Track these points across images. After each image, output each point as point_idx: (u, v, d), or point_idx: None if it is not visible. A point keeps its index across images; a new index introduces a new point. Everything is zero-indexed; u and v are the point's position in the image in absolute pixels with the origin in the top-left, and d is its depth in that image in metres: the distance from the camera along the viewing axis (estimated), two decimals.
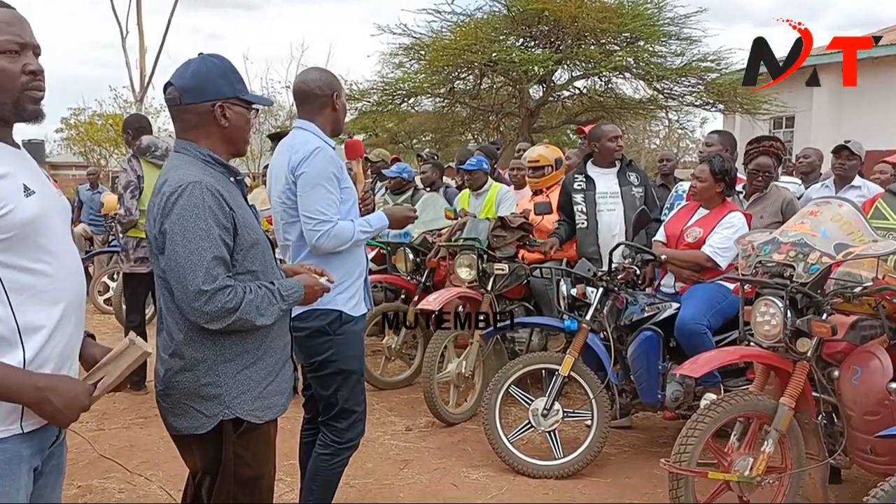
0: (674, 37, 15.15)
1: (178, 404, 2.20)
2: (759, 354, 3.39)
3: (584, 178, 5.15)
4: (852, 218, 3.31)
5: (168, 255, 2.11)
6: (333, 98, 3.10)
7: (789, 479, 3.34)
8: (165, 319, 2.24)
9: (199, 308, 2.08)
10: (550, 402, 4.15)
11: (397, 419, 5.12)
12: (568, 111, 17.00)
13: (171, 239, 2.09)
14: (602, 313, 4.24)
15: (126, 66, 17.70)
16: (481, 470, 4.22)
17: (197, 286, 2.06)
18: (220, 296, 2.08)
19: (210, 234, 2.09)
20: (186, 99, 2.22)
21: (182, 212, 2.08)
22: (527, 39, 15.81)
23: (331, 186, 2.97)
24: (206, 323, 2.11)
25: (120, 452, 4.37)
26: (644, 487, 3.99)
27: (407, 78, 15.96)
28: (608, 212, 5.05)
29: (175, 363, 2.19)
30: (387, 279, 6.07)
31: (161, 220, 2.12)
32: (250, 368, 2.24)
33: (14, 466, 1.67)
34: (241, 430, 2.22)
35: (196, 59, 2.28)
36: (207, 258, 2.08)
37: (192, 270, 2.06)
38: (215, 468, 2.23)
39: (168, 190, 2.12)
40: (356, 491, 3.91)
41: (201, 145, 2.25)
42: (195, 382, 2.18)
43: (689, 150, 30.44)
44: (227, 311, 2.09)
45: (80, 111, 28.45)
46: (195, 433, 2.20)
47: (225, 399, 2.19)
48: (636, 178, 5.16)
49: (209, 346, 2.17)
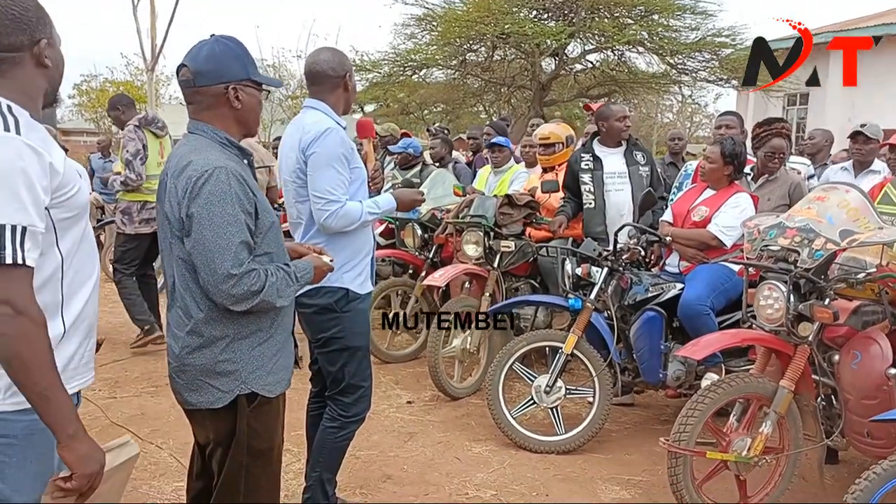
0: (689, 11, 15.02)
1: (195, 380, 2.25)
2: (761, 338, 3.43)
3: (591, 157, 5.14)
4: (859, 204, 3.32)
5: (196, 238, 2.13)
6: (345, 78, 3.13)
7: (786, 459, 3.40)
8: (182, 298, 2.26)
9: (226, 291, 2.13)
10: (553, 378, 4.21)
11: (402, 392, 5.19)
12: (580, 85, 16.91)
13: (198, 223, 2.12)
14: (606, 293, 4.28)
15: (137, 34, 17.58)
16: (484, 444, 4.29)
17: (226, 270, 2.11)
18: (247, 279, 2.13)
19: (237, 220, 2.14)
20: (200, 81, 2.25)
21: (210, 196, 2.12)
22: (540, 12, 15.69)
23: (340, 167, 3.00)
24: (232, 305, 2.16)
25: (132, 420, 4.46)
26: (644, 464, 4.06)
27: (419, 49, 15.91)
28: (616, 192, 5.05)
29: (193, 340, 2.23)
30: (395, 254, 6.11)
31: (188, 204, 2.13)
32: (263, 345, 2.30)
33: (49, 436, 1.74)
34: (255, 403, 2.29)
35: (209, 40, 2.30)
36: (235, 242, 2.12)
37: (220, 254, 2.11)
38: (228, 440, 2.29)
39: (194, 174, 2.14)
40: (361, 462, 4.00)
41: (217, 127, 2.28)
42: (212, 359, 2.23)
43: (701, 124, 30.24)
44: (252, 294, 2.15)
45: (92, 78, 28.47)
46: (211, 407, 2.26)
47: (241, 374, 2.25)
48: (642, 158, 5.15)
49: (227, 324, 2.23)
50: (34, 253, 1.64)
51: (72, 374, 1.83)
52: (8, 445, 1.70)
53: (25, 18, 1.75)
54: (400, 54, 16.06)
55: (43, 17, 1.80)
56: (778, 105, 17.56)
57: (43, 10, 1.80)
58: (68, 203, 1.75)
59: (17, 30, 1.74)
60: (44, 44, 1.79)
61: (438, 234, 5.75)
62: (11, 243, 1.59)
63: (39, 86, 1.82)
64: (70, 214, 1.77)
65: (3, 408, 1.70)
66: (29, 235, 1.62)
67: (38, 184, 1.65)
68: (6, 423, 1.70)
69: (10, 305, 1.60)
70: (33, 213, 1.63)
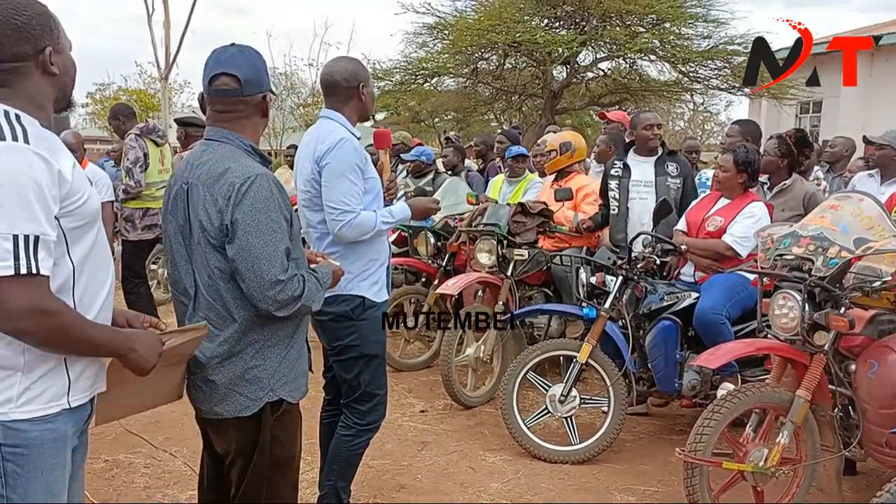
0: (700, 18, 14.98)
1: (222, 389, 2.24)
2: (777, 347, 3.41)
3: (621, 165, 5.14)
4: (873, 213, 3.30)
5: (241, 245, 2.13)
6: (359, 89, 3.13)
7: (803, 470, 3.37)
8: (211, 307, 2.23)
9: (273, 296, 2.14)
10: (568, 388, 4.19)
11: (416, 401, 5.19)
12: (592, 93, 16.89)
13: (244, 229, 2.12)
14: (621, 301, 4.27)
15: (151, 44, 17.72)
16: (498, 453, 4.28)
17: (273, 276, 2.12)
18: (290, 284, 2.16)
19: (280, 226, 2.16)
20: (247, 90, 2.25)
21: (254, 203, 2.12)
22: (551, 20, 15.71)
23: (354, 177, 3.01)
24: (276, 311, 2.17)
25: (146, 428, 4.47)
26: (659, 475, 4.03)
27: (430, 58, 15.94)
28: (640, 200, 5.02)
29: (223, 350, 2.22)
30: (408, 262, 6.12)
31: (232, 210, 2.13)
32: (289, 351, 2.32)
33: (61, 445, 1.77)
34: (280, 411, 2.29)
35: (243, 48, 2.29)
36: (281, 249, 2.14)
37: (267, 261, 2.12)
38: (251, 450, 2.28)
39: (236, 181, 2.14)
40: (375, 471, 3.99)
41: (244, 135, 2.28)
42: (243, 367, 2.23)
43: (713, 132, 30.15)
44: (294, 299, 2.17)
45: (106, 86, 28.68)
46: (238, 416, 2.25)
47: (270, 381, 2.26)
48: (675, 169, 5.04)
49: (258, 331, 2.24)
50: (48, 262, 1.65)
51: (86, 381, 1.84)
52: (19, 455, 1.70)
53: (29, 28, 1.75)
54: (411, 63, 16.11)
55: (47, 24, 1.79)
56: (791, 113, 17.49)
57: (48, 16, 1.80)
58: (78, 212, 1.75)
59: (21, 39, 1.74)
60: (49, 52, 1.78)
61: (451, 242, 5.76)
62: (25, 253, 1.60)
63: (47, 94, 1.82)
64: (80, 223, 1.77)
65: (16, 416, 1.70)
66: (42, 245, 1.63)
67: (48, 193, 1.65)
68: (17, 433, 1.70)
69: (38, 312, 1.63)
70: (44, 222, 1.64)
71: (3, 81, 1.75)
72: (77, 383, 1.79)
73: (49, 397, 1.74)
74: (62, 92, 1.86)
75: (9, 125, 1.66)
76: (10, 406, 1.69)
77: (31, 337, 1.66)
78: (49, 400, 1.74)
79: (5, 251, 1.59)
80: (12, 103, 1.73)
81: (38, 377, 1.72)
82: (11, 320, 1.62)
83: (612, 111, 7.77)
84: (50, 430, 1.74)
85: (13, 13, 1.74)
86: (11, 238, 1.59)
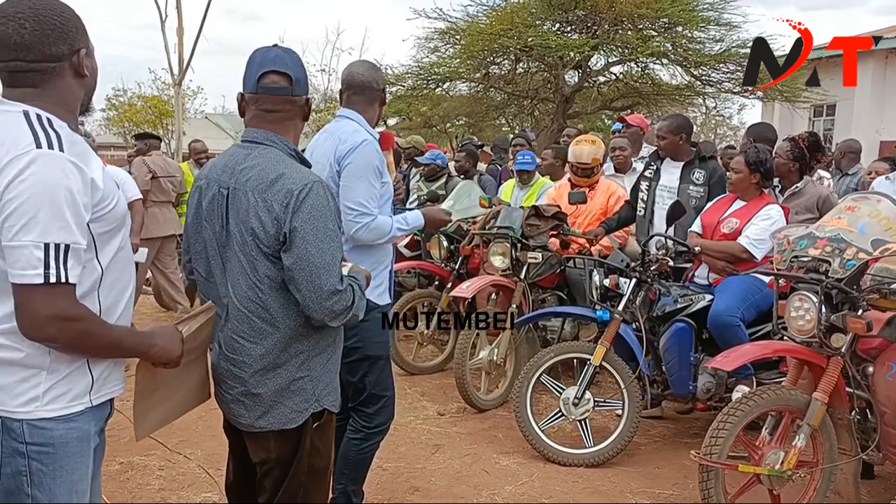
0: (713, 22, 14.88)
1: (266, 402, 2.19)
2: (793, 349, 3.38)
3: (655, 168, 5.13)
4: (890, 214, 3.28)
5: (299, 254, 2.08)
6: (383, 93, 3.18)
7: (821, 474, 3.33)
8: (248, 320, 2.16)
9: (329, 307, 2.10)
10: (582, 391, 4.18)
11: (429, 404, 5.18)
12: (603, 97, 16.83)
13: (302, 238, 2.07)
14: (635, 304, 4.25)
15: (165, 50, 17.83)
16: (512, 457, 4.27)
17: (332, 286, 2.09)
18: (346, 294, 2.13)
19: (336, 235, 2.13)
20: (298, 90, 2.23)
21: (312, 210, 2.08)
22: (563, 24, 15.67)
23: (374, 180, 3.01)
24: (330, 321, 2.14)
25: (160, 431, 4.46)
26: (674, 478, 4.01)
27: (442, 62, 15.93)
28: (662, 206, 4.99)
29: (268, 362, 2.17)
30: (420, 266, 6.12)
31: (290, 218, 2.07)
32: (330, 360, 2.30)
33: (84, 442, 1.78)
34: (321, 421, 2.27)
35: (287, 49, 2.27)
36: (338, 258, 2.12)
37: (326, 270, 2.08)
38: (289, 460, 2.25)
39: (294, 187, 2.09)
40: (388, 474, 3.99)
41: (288, 138, 2.24)
42: (288, 378, 2.19)
43: (726, 136, 30.05)
44: (346, 308, 2.15)
45: (122, 93, 28.85)
46: (283, 428, 2.21)
47: (315, 392, 2.24)
48: (701, 178, 4.93)
49: (304, 341, 2.21)
50: (76, 270, 1.67)
51: (103, 382, 1.84)
52: (45, 454, 1.72)
53: (67, 28, 1.75)
54: (423, 67, 16.10)
55: (81, 25, 1.80)
56: (804, 116, 17.41)
57: (80, 18, 1.81)
58: (107, 217, 1.76)
59: (59, 39, 1.74)
60: (83, 53, 1.79)
61: (465, 245, 5.76)
62: (55, 262, 1.62)
63: (77, 96, 1.82)
64: (109, 227, 1.78)
65: (42, 414, 1.71)
66: (72, 253, 1.65)
67: (81, 201, 1.66)
68: (43, 431, 1.71)
69: (63, 319, 1.64)
70: (76, 231, 1.65)
71: (34, 82, 1.74)
72: (99, 382, 1.81)
73: (73, 396, 1.76)
74: (88, 95, 1.87)
75: (43, 131, 1.66)
76: (35, 405, 1.70)
77: (57, 342, 1.69)
78: (73, 398, 1.76)
79: (36, 259, 1.61)
80: (42, 105, 1.73)
81: (63, 376, 1.74)
82: (37, 327, 1.64)
83: (631, 115, 7.75)
84: (75, 429, 1.75)
85: (52, 13, 1.74)
86: (43, 247, 1.61)
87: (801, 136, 4.87)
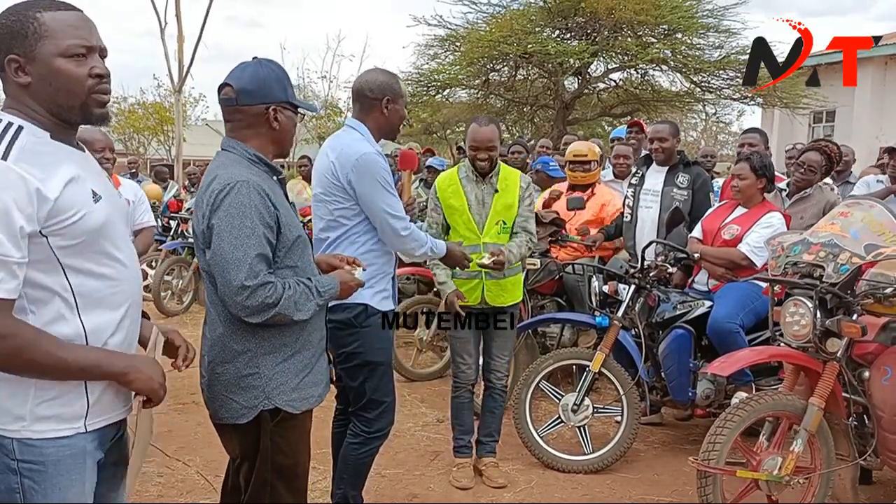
0: (712, 29, 14.93)
1: (220, 394, 2.30)
2: (789, 354, 3.39)
3: (640, 174, 5.16)
4: (883, 219, 3.30)
5: (214, 249, 2.20)
6: (383, 102, 3.12)
7: (818, 479, 3.34)
8: (209, 311, 2.35)
9: (240, 302, 2.17)
10: (581, 397, 4.18)
11: (428, 410, 5.19)
12: (603, 103, 16.89)
13: (217, 234, 2.18)
14: (634, 310, 4.26)
15: (165, 57, 17.90)
16: (510, 463, 4.27)
17: (240, 281, 2.15)
18: (262, 291, 2.17)
19: (255, 232, 2.18)
20: (243, 100, 2.31)
21: (229, 209, 2.17)
22: (563, 31, 15.72)
23: (388, 187, 3.03)
24: (246, 316, 2.20)
25: (159, 437, 4.47)
26: (673, 484, 4.01)
27: (442, 69, 15.96)
28: (646, 209, 5.03)
29: (218, 354, 2.30)
30: (419, 272, 6.12)
31: (209, 216, 2.21)
32: (289, 361, 2.33)
33: (79, 460, 1.73)
34: (278, 419, 2.31)
35: (253, 62, 2.37)
36: (251, 255, 2.16)
37: (235, 266, 2.15)
38: (253, 455, 2.33)
39: (217, 187, 2.21)
40: (387, 481, 3.99)
41: (248, 145, 2.34)
42: (236, 374, 2.28)
43: (726, 143, 30.06)
44: (266, 306, 2.18)
45: (123, 100, 28.90)
46: (235, 423, 2.30)
47: (265, 390, 2.29)
48: (685, 181, 4.96)
49: (249, 338, 2.27)
50: (9, 284, 1.57)
51: (107, 404, 1.79)
52: (36, 472, 1.67)
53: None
54: (423, 74, 16.14)
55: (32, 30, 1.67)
56: (804, 122, 17.42)
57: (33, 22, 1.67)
58: (70, 230, 1.65)
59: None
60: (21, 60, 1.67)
61: None
62: None
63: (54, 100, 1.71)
64: (74, 241, 1.67)
65: (28, 435, 1.66)
66: (1, 266, 1.56)
67: (21, 211, 1.57)
68: (32, 449, 1.66)
69: None
70: (6, 242, 1.55)
71: (10, 92, 1.72)
72: (97, 406, 1.75)
73: (64, 419, 1.70)
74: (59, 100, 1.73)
75: None
76: (22, 423, 1.66)
77: None
78: (64, 421, 1.70)
79: None
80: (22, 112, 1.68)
81: (53, 397, 1.68)
82: None
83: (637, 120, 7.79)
84: (67, 447, 1.70)
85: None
86: None
87: (830, 149, 4.87)
